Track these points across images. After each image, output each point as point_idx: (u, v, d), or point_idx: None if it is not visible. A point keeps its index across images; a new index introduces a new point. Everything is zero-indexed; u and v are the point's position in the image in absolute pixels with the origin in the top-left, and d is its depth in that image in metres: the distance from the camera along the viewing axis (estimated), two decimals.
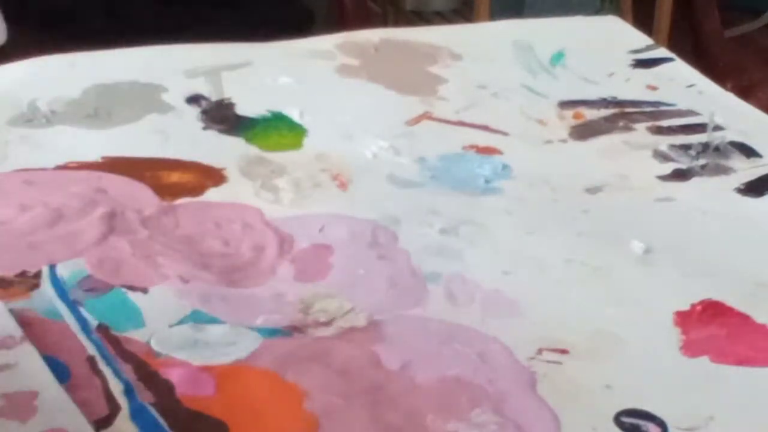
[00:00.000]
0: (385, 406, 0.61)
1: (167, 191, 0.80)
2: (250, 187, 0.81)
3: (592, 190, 0.84)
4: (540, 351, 0.66)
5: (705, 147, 0.90)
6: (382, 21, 2.08)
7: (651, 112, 0.96)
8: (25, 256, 0.72)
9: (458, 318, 0.69)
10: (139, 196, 0.79)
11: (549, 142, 0.90)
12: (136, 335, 0.65)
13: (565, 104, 0.96)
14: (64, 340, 0.64)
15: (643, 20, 1.91)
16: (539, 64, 1.03)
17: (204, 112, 0.91)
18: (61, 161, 0.83)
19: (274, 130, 0.90)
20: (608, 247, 0.77)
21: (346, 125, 0.90)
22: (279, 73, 0.97)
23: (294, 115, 0.91)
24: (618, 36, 1.11)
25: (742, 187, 0.86)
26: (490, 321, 0.68)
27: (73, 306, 0.67)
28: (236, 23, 1.80)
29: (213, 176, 0.82)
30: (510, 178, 0.84)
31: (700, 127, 0.93)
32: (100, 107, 0.91)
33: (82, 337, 0.65)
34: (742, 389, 0.65)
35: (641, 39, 1.10)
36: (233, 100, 0.92)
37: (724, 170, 0.88)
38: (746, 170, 0.88)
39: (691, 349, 0.68)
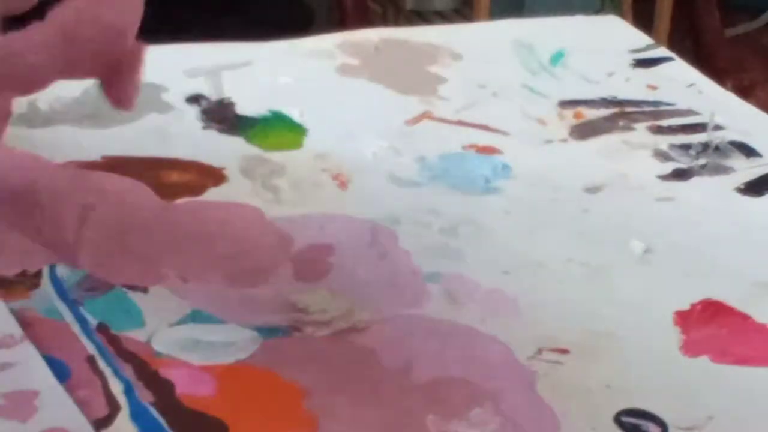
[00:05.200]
0: (384, 406, 0.61)
1: (167, 191, 0.80)
2: (249, 187, 0.81)
3: (592, 190, 0.83)
4: (540, 351, 0.66)
5: (705, 146, 0.90)
6: (383, 20, 2.08)
7: (651, 112, 0.96)
8: (25, 255, 0.71)
9: (458, 318, 0.68)
10: None
11: (549, 141, 0.90)
12: (136, 335, 0.65)
13: (566, 104, 0.96)
14: (64, 339, 0.64)
15: (643, 20, 1.91)
16: (539, 64, 1.03)
17: (204, 112, 0.91)
18: (61, 161, 0.83)
19: (274, 129, 0.89)
20: (608, 247, 0.77)
21: (346, 125, 0.90)
22: (279, 72, 0.97)
23: (294, 114, 0.91)
24: (618, 35, 1.11)
25: (742, 186, 0.86)
26: (489, 321, 0.68)
27: (73, 305, 0.67)
28: (236, 22, 1.80)
29: (213, 176, 0.82)
30: (510, 177, 0.84)
31: (700, 127, 0.93)
32: (100, 107, 0.90)
33: (82, 337, 0.65)
34: (742, 389, 0.65)
35: (641, 38, 1.10)
36: (233, 100, 0.92)
37: (724, 170, 0.88)
38: (746, 170, 0.88)
39: (691, 349, 0.68)
